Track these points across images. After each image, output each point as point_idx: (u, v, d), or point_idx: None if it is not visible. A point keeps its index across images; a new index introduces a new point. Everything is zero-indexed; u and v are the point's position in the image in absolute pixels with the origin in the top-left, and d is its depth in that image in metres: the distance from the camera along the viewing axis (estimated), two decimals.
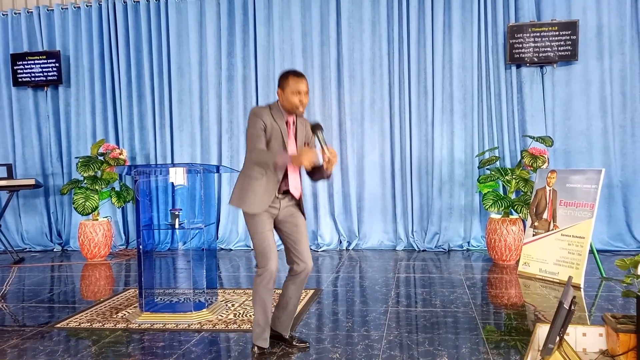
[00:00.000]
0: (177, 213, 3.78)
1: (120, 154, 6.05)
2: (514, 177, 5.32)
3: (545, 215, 4.79)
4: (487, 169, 5.58)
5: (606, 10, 5.73)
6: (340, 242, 6.29)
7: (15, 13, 6.85)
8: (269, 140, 2.85)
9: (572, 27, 5.69)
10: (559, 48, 5.72)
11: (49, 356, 3.02)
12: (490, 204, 5.18)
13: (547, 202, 4.80)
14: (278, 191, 2.89)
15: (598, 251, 4.85)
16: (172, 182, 4.09)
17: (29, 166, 6.88)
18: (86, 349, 3.13)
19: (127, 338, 3.32)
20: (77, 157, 6.27)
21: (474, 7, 5.90)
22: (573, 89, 5.85)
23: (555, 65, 5.84)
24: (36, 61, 6.68)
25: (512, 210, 5.32)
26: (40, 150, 6.87)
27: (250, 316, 3.66)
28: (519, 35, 5.76)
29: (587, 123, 5.82)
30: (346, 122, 6.22)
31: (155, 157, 6.60)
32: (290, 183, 2.90)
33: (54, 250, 6.79)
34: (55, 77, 6.67)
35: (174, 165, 5.50)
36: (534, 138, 5.29)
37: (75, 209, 5.88)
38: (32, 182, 6.11)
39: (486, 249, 5.57)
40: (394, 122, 6.14)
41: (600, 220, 5.70)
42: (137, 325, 3.55)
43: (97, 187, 5.91)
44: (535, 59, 5.77)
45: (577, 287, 4.19)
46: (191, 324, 3.53)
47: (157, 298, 3.98)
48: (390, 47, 6.13)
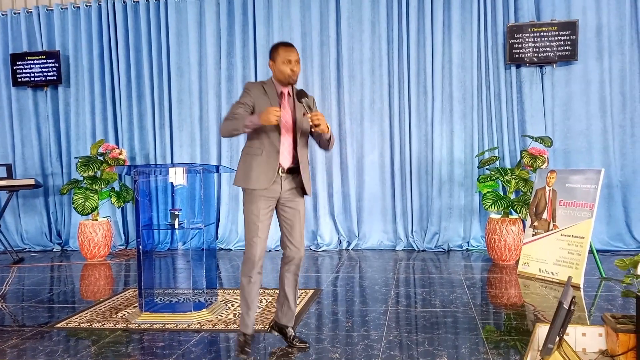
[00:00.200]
0: (176, 213, 3.78)
1: (119, 154, 6.05)
2: (513, 177, 5.32)
3: (544, 215, 4.79)
4: (487, 169, 5.59)
5: (606, 10, 5.73)
6: (340, 242, 6.29)
7: (14, 13, 6.85)
8: (257, 111, 2.85)
9: (571, 27, 5.69)
10: (559, 48, 5.73)
11: (49, 356, 3.02)
12: (489, 204, 5.18)
13: (547, 202, 4.80)
14: (280, 168, 2.86)
15: (597, 251, 4.85)
16: (172, 182, 4.08)
17: (28, 166, 6.88)
18: (86, 349, 3.13)
19: (126, 338, 3.32)
20: (76, 157, 6.26)
21: (473, 7, 5.90)
22: (573, 89, 5.85)
23: (554, 65, 5.84)
24: (36, 61, 6.67)
25: (512, 210, 5.32)
26: (39, 150, 6.87)
27: None
28: (518, 35, 5.76)
29: (586, 123, 5.83)
30: (346, 122, 6.22)
31: (154, 157, 6.60)
32: (281, 158, 2.87)
33: (54, 250, 6.79)
34: (54, 77, 6.67)
35: (173, 165, 5.52)
36: (533, 138, 5.29)
37: (75, 209, 5.88)
38: (31, 182, 6.11)
39: (486, 249, 5.57)
40: (394, 122, 6.14)
41: (600, 220, 5.71)
42: (136, 325, 3.55)
43: (96, 187, 5.91)
44: (535, 59, 5.77)
45: (576, 287, 4.19)
46: (191, 324, 3.53)
47: (156, 298, 3.98)
48: (389, 47, 6.13)
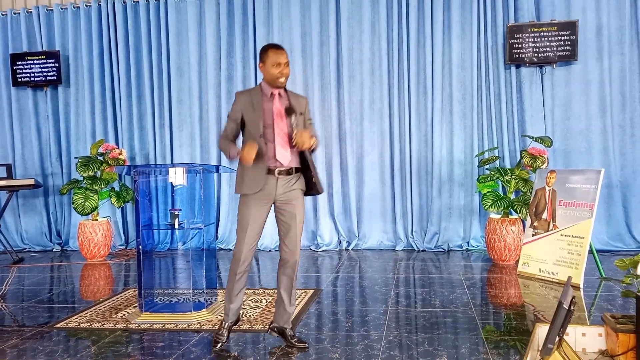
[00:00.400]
0: (176, 213, 3.78)
1: (119, 154, 6.05)
2: (513, 177, 5.32)
3: (544, 215, 4.79)
4: (487, 169, 5.58)
5: (605, 10, 5.73)
6: (340, 242, 6.29)
7: (14, 13, 6.85)
8: (245, 120, 2.93)
9: (571, 27, 5.69)
10: (559, 48, 5.72)
11: (49, 356, 3.02)
12: (489, 204, 5.18)
13: (547, 202, 4.80)
14: (268, 171, 2.88)
15: (597, 251, 4.85)
16: (172, 182, 4.08)
17: (28, 166, 6.88)
18: (86, 349, 3.13)
19: (126, 338, 3.32)
20: (76, 157, 6.26)
21: (473, 7, 5.90)
22: (572, 89, 5.85)
23: (554, 66, 5.84)
24: (35, 61, 6.67)
25: (512, 210, 5.32)
26: (39, 150, 6.86)
27: (249, 316, 3.67)
28: (518, 36, 5.76)
29: (586, 123, 5.83)
30: (345, 122, 6.22)
31: (154, 157, 6.60)
32: (278, 154, 2.90)
33: (54, 250, 6.79)
34: (54, 77, 6.67)
35: (173, 165, 5.52)
36: (533, 138, 5.29)
37: (75, 209, 5.88)
38: (31, 182, 6.10)
39: (486, 249, 5.57)
40: (394, 122, 6.14)
41: (600, 220, 5.70)
42: (136, 325, 3.55)
43: (96, 187, 5.91)
44: (535, 59, 5.77)
45: (576, 287, 4.19)
46: (191, 324, 3.53)
47: (156, 298, 3.98)
48: (389, 47, 6.12)
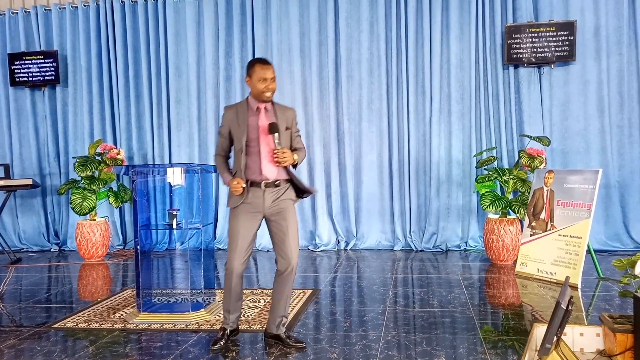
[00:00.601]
0: (174, 213, 3.78)
1: (117, 154, 6.04)
2: (511, 177, 5.32)
3: (542, 216, 4.79)
4: (485, 169, 5.59)
5: (604, 10, 5.73)
6: (338, 242, 6.29)
7: (12, 13, 6.84)
8: (232, 135, 3.01)
9: (569, 27, 5.70)
10: (557, 48, 5.73)
11: (46, 356, 3.01)
12: (487, 204, 5.18)
13: (545, 202, 4.80)
14: (252, 184, 2.95)
15: (595, 251, 4.85)
16: (170, 182, 4.08)
17: (26, 166, 6.86)
18: (83, 349, 3.13)
19: (124, 338, 3.31)
20: (74, 157, 6.25)
21: (471, 8, 5.90)
22: (571, 89, 5.85)
23: (552, 66, 5.85)
24: (33, 61, 6.66)
25: (510, 210, 5.33)
26: (37, 150, 6.85)
27: (247, 316, 3.67)
28: (516, 36, 5.77)
29: (584, 123, 5.83)
30: (344, 122, 6.22)
31: (152, 157, 6.59)
32: (264, 168, 2.95)
33: (51, 250, 6.78)
34: (52, 77, 6.66)
35: (171, 165, 5.52)
36: (531, 138, 5.29)
37: (73, 209, 5.87)
38: (29, 182, 6.09)
39: (484, 249, 5.57)
40: (392, 122, 6.14)
41: (598, 220, 5.71)
42: (134, 325, 3.55)
43: (94, 187, 5.90)
44: (533, 60, 5.78)
45: (574, 287, 4.19)
46: (189, 325, 3.53)
47: (154, 298, 3.97)
48: (388, 47, 6.12)
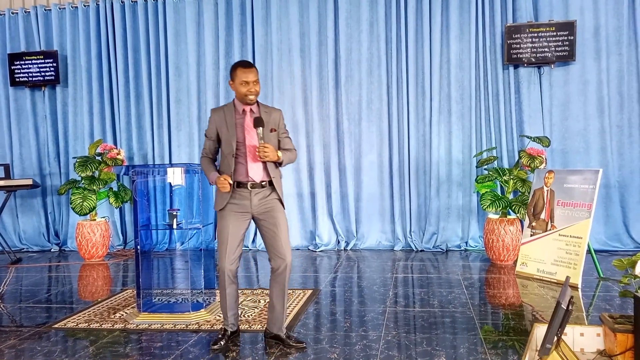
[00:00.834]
0: (175, 213, 3.78)
1: (117, 154, 6.04)
2: (511, 177, 5.32)
3: (542, 216, 4.79)
4: (485, 169, 5.59)
5: (603, 10, 5.73)
6: (338, 242, 6.29)
7: (12, 13, 6.84)
8: (220, 137, 3.04)
9: (569, 27, 5.70)
10: (557, 48, 5.73)
11: (47, 357, 3.02)
12: (488, 204, 5.18)
13: (545, 202, 4.80)
14: (239, 185, 3.00)
15: (595, 251, 4.85)
16: (170, 182, 4.08)
17: (26, 166, 6.86)
18: (84, 349, 3.13)
19: (124, 338, 3.31)
20: (74, 157, 6.25)
21: (471, 8, 5.90)
22: (570, 89, 5.85)
23: (552, 66, 5.85)
24: (34, 61, 6.66)
25: (510, 210, 5.33)
26: (37, 150, 6.85)
27: (247, 316, 3.67)
28: (516, 36, 5.77)
29: (584, 123, 5.83)
30: (344, 122, 6.21)
31: (153, 157, 6.59)
32: (250, 170, 2.99)
33: (52, 250, 6.77)
34: (52, 77, 6.66)
35: (171, 165, 5.51)
36: (531, 138, 5.29)
37: (73, 209, 5.87)
38: (29, 182, 6.09)
39: (484, 249, 5.57)
40: (392, 122, 6.13)
41: (598, 220, 5.71)
42: (134, 325, 3.55)
43: (94, 187, 5.91)
44: (533, 60, 5.78)
45: (574, 287, 4.19)
46: (189, 325, 3.53)
47: (154, 298, 3.98)
48: (388, 48, 6.12)
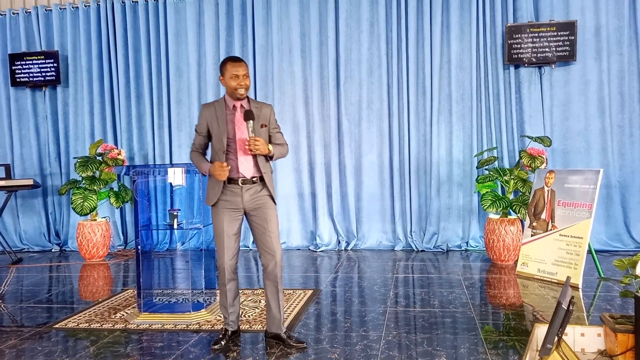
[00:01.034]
0: (175, 213, 3.78)
1: (118, 154, 6.05)
2: (512, 177, 5.32)
3: (543, 216, 4.79)
4: (486, 169, 5.58)
5: (604, 10, 5.73)
6: (339, 242, 6.29)
7: (13, 13, 6.84)
8: (211, 133, 3.05)
9: (570, 27, 5.70)
10: (557, 48, 5.73)
11: (47, 357, 3.02)
12: (488, 204, 5.18)
13: (546, 202, 4.80)
14: (230, 181, 2.99)
15: (596, 251, 4.85)
16: (171, 183, 4.08)
17: (27, 166, 6.87)
18: (84, 349, 3.13)
19: (125, 338, 3.32)
20: (75, 158, 6.26)
21: (472, 8, 5.89)
22: (571, 89, 5.85)
23: (553, 66, 5.84)
24: (34, 61, 6.66)
25: (511, 210, 5.32)
26: (38, 150, 6.85)
27: (247, 316, 3.67)
28: (517, 36, 5.77)
29: (585, 123, 5.83)
30: (344, 123, 6.21)
31: (153, 158, 6.59)
32: (241, 166, 3.00)
33: (52, 250, 6.78)
34: (53, 77, 6.66)
35: (172, 165, 5.52)
36: (532, 138, 5.29)
37: (74, 209, 5.88)
38: (30, 182, 6.10)
39: (484, 249, 5.57)
40: (392, 122, 6.13)
41: (599, 220, 5.71)
42: (135, 325, 3.55)
43: (95, 188, 5.91)
44: (534, 60, 5.78)
45: (575, 287, 4.19)
46: (190, 325, 3.53)
47: (155, 298, 3.98)
48: (388, 48, 6.12)
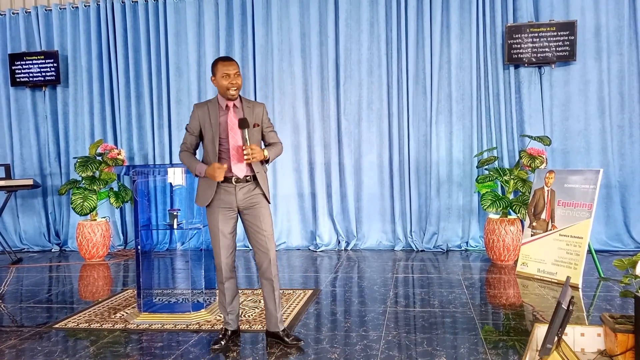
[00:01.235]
0: (175, 213, 3.78)
1: (118, 154, 6.05)
2: (512, 177, 5.32)
3: (543, 216, 4.79)
4: (486, 169, 5.59)
5: (604, 10, 5.73)
6: (339, 242, 6.29)
7: (13, 13, 6.84)
8: (203, 133, 3.04)
9: (570, 27, 5.69)
10: (557, 48, 5.73)
11: (47, 357, 3.02)
12: (488, 204, 5.18)
13: (546, 202, 4.80)
14: (223, 180, 2.98)
15: (596, 251, 4.85)
16: (171, 183, 4.08)
17: (27, 166, 6.87)
18: (84, 349, 3.13)
19: (125, 338, 3.32)
20: (75, 157, 6.26)
21: (472, 8, 5.89)
22: (571, 89, 5.85)
23: (553, 66, 5.84)
24: (34, 61, 6.66)
25: (511, 210, 5.32)
26: (38, 150, 6.85)
27: (247, 316, 3.67)
28: (517, 36, 5.77)
29: (585, 123, 5.83)
30: (344, 123, 6.21)
31: (153, 157, 6.60)
32: (234, 167, 3.00)
33: (52, 250, 6.78)
34: (53, 77, 6.66)
35: (172, 165, 5.50)
36: (532, 138, 5.29)
37: (74, 209, 5.88)
38: (30, 182, 6.10)
39: (484, 249, 5.57)
40: (392, 122, 6.13)
41: (599, 220, 5.71)
42: (135, 325, 3.55)
43: (95, 188, 5.91)
44: (534, 60, 5.78)
45: (575, 287, 4.19)
46: (189, 325, 3.53)
47: (155, 298, 3.98)
48: (388, 48, 6.12)
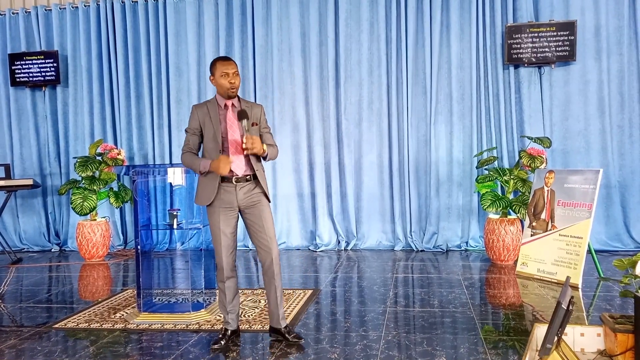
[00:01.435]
0: (175, 213, 3.78)
1: (118, 154, 6.05)
2: (512, 177, 5.32)
3: (543, 216, 4.79)
4: (485, 169, 5.58)
5: (604, 10, 5.73)
6: (339, 242, 6.29)
7: (13, 13, 6.84)
8: (204, 133, 3.05)
9: (570, 27, 5.70)
10: (557, 48, 5.73)
11: (47, 356, 3.02)
12: (488, 204, 5.18)
13: (545, 202, 4.80)
14: (223, 179, 3.00)
15: (596, 251, 4.85)
16: (171, 182, 4.08)
17: (26, 166, 6.86)
18: (84, 349, 3.13)
19: (125, 338, 3.32)
20: (75, 157, 6.26)
21: (472, 8, 5.89)
22: (571, 89, 5.85)
23: (553, 66, 5.84)
24: (34, 61, 6.66)
25: (510, 210, 5.32)
26: (38, 150, 6.85)
27: (247, 316, 3.67)
28: (517, 36, 5.77)
29: (585, 123, 5.83)
30: (344, 122, 6.21)
31: (153, 157, 6.60)
32: (233, 165, 3.00)
33: (52, 250, 6.78)
34: (53, 77, 6.66)
35: (172, 165, 5.50)
36: (532, 139, 5.29)
37: (73, 209, 5.88)
38: (29, 182, 6.09)
39: (484, 249, 5.57)
40: (392, 122, 6.13)
41: (598, 220, 5.71)
42: (135, 325, 3.55)
43: (95, 188, 5.91)
44: (534, 60, 5.78)
45: (575, 287, 4.19)
46: (189, 325, 3.53)
47: (155, 298, 3.98)
48: (388, 48, 6.12)
